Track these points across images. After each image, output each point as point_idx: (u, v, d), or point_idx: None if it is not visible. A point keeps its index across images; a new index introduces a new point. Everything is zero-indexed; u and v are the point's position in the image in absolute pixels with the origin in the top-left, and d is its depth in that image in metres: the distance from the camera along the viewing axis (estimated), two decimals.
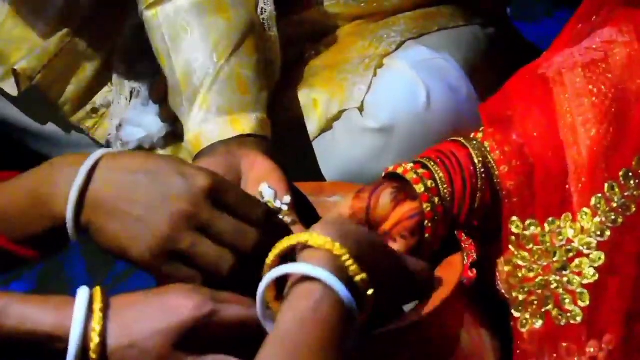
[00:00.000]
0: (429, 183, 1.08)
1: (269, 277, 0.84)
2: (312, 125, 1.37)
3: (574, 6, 1.78)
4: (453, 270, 1.07)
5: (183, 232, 0.94)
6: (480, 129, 1.14)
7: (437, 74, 1.35)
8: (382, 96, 1.33)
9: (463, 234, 1.18)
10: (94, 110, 1.41)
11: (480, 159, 1.10)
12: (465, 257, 1.19)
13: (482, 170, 1.09)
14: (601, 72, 1.09)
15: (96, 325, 0.86)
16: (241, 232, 0.97)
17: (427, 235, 1.07)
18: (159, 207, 0.94)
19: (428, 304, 1.01)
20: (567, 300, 1.06)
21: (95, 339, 0.85)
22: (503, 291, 1.11)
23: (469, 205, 1.09)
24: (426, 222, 1.07)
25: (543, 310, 1.07)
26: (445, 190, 1.08)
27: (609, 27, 1.12)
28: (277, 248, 0.88)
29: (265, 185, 1.11)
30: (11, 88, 1.38)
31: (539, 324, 1.08)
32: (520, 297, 1.09)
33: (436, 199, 1.07)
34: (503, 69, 1.45)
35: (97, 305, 0.87)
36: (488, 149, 1.10)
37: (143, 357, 0.87)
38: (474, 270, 1.20)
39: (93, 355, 0.85)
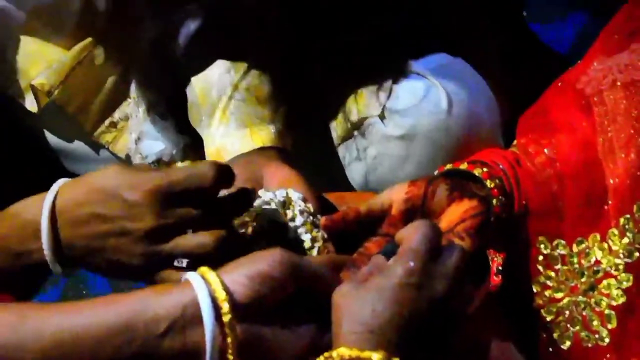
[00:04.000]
0: (497, 180, 1.07)
1: None
2: (334, 133, 1.36)
3: (588, 8, 1.77)
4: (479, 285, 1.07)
5: (158, 245, 0.98)
6: (513, 144, 1.14)
7: (456, 79, 1.34)
8: (402, 103, 1.32)
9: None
10: (113, 124, 1.40)
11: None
12: (490, 263, 1.18)
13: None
14: None
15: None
16: (204, 221, 1.00)
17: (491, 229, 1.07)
18: (125, 236, 0.98)
19: None
20: (594, 322, 1.06)
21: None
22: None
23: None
24: (492, 218, 1.06)
25: (571, 331, 1.07)
26: (508, 189, 1.08)
27: None
28: None
29: (290, 190, 1.11)
30: (30, 104, 1.37)
31: (566, 344, 1.07)
32: (548, 318, 1.08)
33: (502, 197, 1.07)
34: (519, 72, 1.44)
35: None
36: (519, 161, 1.10)
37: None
38: (500, 277, 1.19)
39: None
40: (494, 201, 1.06)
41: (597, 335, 1.06)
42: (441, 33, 1.41)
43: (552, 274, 1.08)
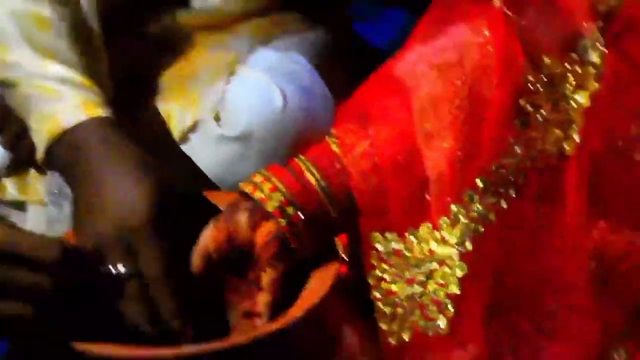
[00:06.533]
0: (279, 195, 1.06)
1: None
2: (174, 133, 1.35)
3: (403, 4, 1.78)
4: (326, 277, 1.07)
5: None
6: (331, 132, 1.12)
7: (290, 77, 1.35)
8: (236, 104, 1.32)
9: None
10: None
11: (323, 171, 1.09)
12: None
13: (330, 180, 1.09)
14: (456, 77, 1.06)
15: None
16: (33, 283, 0.96)
17: (294, 247, 1.06)
18: None
19: (294, 312, 1.01)
20: (432, 311, 1.07)
21: None
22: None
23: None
24: (288, 234, 1.06)
25: (410, 321, 1.08)
26: (295, 199, 1.07)
27: (463, 24, 1.09)
28: None
29: None
30: None
31: (407, 335, 1.08)
32: (387, 311, 1.08)
33: (290, 209, 1.06)
34: (350, 70, 1.46)
35: None
36: (340, 155, 1.09)
37: None
38: (347, 267, 1.20)
39: None
40: (279, 221, 1.06)
41: (435, 324, 1.06)
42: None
43: (387, 267, 1.08)
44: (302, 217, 1.07)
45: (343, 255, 1.19)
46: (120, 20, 1.31)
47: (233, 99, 1.32)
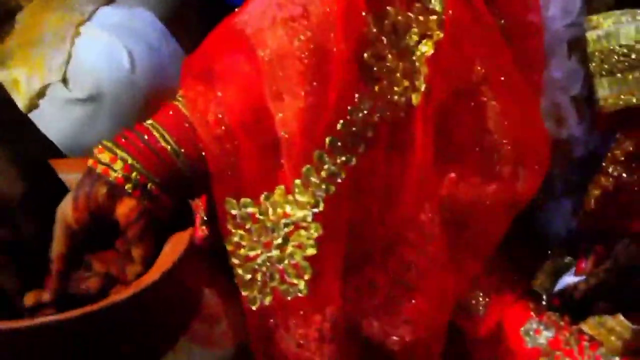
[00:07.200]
0: (135, 175, 1.04)
1: None
2: (19, 103, 1.31)
3: None
4: (181, 240, 1.06)
5: None
6: (179, 94, 1.08)
7: (136, 35, 1.32)
8: (83, 65, 1.30)
9: None
10: None
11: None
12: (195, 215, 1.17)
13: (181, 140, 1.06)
14: (301, 31, 1.03)
15: None
16: None
17: (157, 216, 1.05)
18: None
19: (148, 278, 1.01)
20: (292, 274, 1.06)
21: None
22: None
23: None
24: (151, 209, 1.04)
25: (270, 286, 1.07)
26: (152, 173, 1.05)
27: None
28: None
29: None
30: None
31: (267, 300, 1.07)
32: (246, 277, 1.07)
33: (149, 185, 1.04)
34: (203, 23, 1.43)
35: None
36: (192, 121, 1.05)
37: None
38: (205, 228, 1.19)
39: None
40: (141, 200, 1.04)
41: (295, 288, 1.06)
42: None
43: (244, 232, 1.07)
44: (162, 189, 1.05)
45: (204, 217, 1.18)
46: None
47: (80, 61, 1.30)
